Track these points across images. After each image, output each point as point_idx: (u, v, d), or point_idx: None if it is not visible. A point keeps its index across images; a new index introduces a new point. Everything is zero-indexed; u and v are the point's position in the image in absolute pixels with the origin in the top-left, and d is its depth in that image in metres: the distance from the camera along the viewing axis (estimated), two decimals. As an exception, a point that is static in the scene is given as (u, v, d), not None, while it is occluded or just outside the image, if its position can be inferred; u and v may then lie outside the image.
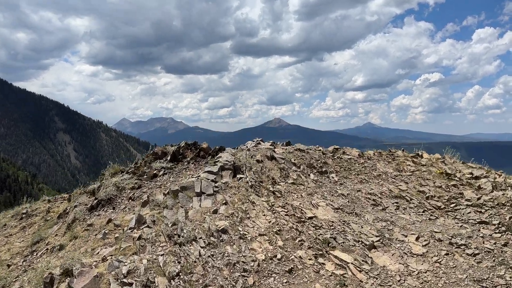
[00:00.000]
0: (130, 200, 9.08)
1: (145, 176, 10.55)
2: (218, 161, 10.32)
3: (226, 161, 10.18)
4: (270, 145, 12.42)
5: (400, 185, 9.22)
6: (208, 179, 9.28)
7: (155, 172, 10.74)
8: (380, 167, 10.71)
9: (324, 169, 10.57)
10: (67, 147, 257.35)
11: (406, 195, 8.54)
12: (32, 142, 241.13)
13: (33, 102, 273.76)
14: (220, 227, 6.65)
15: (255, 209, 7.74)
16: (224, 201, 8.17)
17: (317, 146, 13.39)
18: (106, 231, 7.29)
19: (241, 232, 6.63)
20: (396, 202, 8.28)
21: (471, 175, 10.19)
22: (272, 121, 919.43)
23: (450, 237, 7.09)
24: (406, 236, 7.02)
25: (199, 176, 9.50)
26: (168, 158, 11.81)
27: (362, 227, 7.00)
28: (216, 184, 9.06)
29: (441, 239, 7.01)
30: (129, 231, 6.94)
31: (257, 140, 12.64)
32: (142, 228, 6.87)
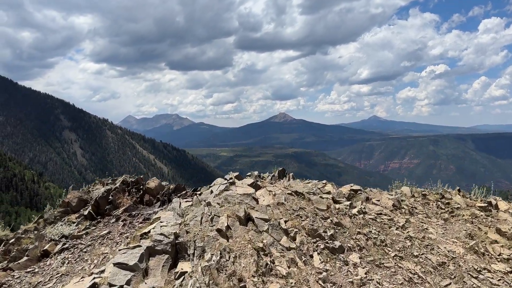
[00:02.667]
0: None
1: (25, 259, 6.15)
2: (149, 234, 5.87)
3: (162, 234, 5.70)
4: (251, 184, 7.85)
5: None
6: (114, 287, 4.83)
7: (47, 247, 6.33)
8: (436, 237, 6.09)
9: (337, 243, 6.00)
10: (73, 145, 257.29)
11: None
12: (39, 140, 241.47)
13: (38, 100, 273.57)
14: None
15: None
16: None
17: (324, 182, 8.78)
18: None
19: None
20: None
21: None
22: (277, 116, 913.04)
23: None
24: None
25: (101, 273, 5.07)
26: (86, 212, 7.42)
27: None
28: (124, 304, 4.60)
29: None
30: None
31: (230, 178, 8.08)
32: None
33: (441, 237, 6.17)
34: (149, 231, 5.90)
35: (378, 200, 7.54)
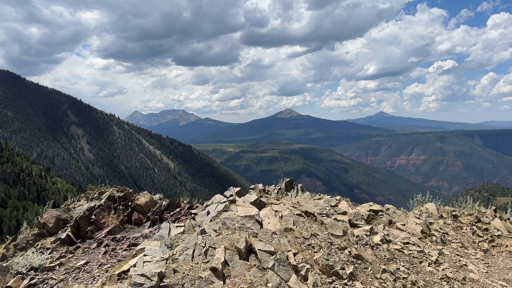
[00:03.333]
0: None
1: (-17, 300, 5.20)
2: (128, 274, 4.86)
3: (143, 275, 4.68)
4: (254, 202, 6.79)
5: None
6: None
7: (11, 283, 5.36)
8: (479, 278, 4.96)
9: (358, 286, 4.92)
10: (80, 140, 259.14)
11: None
12: (46, 136, 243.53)
13: (46, 96, 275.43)
14: None
15: None
16: None
17: (338, 198, 7.66)
18: None
19: None
20: None
21: None
22: (283, 111, 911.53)
23: None
24: None
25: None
26: (64, 235, 6.44)
27: None
28: None
29: None
30: None
31: (231, 196, 7.04)
32: None
33: (485, 277, 5.06)
34: (129, 269, 4.88)
35: (404, 225, 6.43)
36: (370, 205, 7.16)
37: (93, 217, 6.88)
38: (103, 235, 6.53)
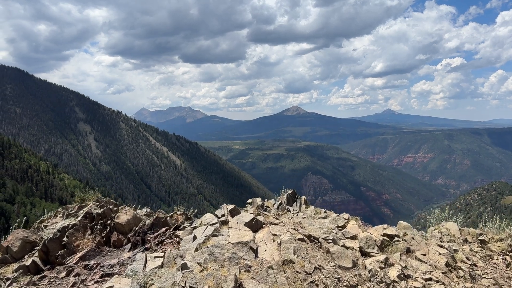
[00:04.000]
0: None
1: None
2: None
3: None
4: (250, 222, 5.88)
5: None
6: None
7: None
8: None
9: None
10: (88, 137, 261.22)
11: None
12: (54, 132, 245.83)
13: (54, 93, 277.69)
14: None
15: None
16: None
17: (346, 217, 6.70)
18: None
19: None
20: None
21: None
22: (290, 109, 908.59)
23: None
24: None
25: None
26: (29, 262, 5.60)
27: None
28: None
29: None
30: None
31: (222, 216, 6.12)
32: None
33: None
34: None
35: (424, 254, 5.46)
36: (384, 228, 6.18)
37: (65, 239, 6.04)
38: (74, 262, 5.69)
